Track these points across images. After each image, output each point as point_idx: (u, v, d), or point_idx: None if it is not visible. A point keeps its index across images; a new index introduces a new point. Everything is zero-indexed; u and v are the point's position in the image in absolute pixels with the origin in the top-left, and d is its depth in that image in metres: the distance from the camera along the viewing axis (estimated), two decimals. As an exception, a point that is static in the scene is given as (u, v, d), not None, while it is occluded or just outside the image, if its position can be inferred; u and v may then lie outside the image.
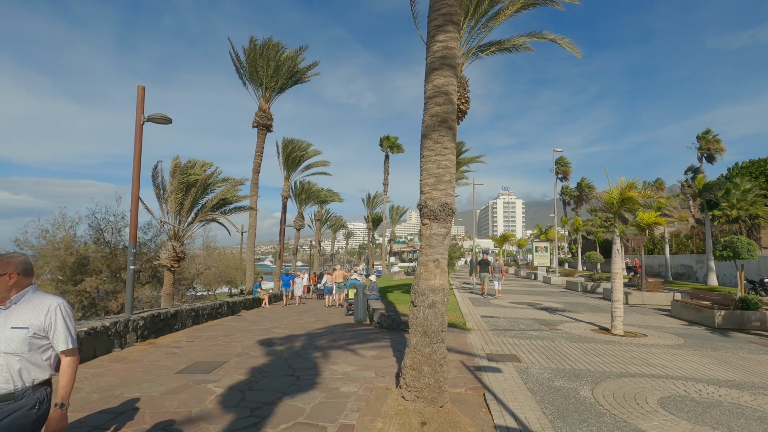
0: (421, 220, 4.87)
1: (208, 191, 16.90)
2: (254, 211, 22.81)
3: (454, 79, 4.71)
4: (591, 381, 6.04)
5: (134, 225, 9.14)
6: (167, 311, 10.09)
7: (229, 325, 11.99)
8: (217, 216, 15.52)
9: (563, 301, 17.49)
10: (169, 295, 15.76)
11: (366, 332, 10.43)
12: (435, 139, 4.73)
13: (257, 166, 23.78)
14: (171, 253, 15.53)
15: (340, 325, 12.10)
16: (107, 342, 7.65)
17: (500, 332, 9.84)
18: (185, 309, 11.16)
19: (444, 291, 4.74)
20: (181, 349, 8.12)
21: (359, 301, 13.13)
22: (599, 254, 22.71)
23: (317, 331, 10.88)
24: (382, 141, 45.78)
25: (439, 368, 4.52)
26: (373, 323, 11.84)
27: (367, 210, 58.89)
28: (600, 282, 22.49)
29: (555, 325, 11.01)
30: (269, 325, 12.11)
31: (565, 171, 68.90)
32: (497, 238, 37.73)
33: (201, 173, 15.63)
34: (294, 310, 17.16)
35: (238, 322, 12.84)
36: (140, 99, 9.24)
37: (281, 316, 14.83)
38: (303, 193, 41.21)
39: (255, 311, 16.69)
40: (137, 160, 9.11)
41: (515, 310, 13.86)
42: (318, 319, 13.88)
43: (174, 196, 15.17)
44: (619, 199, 10.56)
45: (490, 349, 8.04)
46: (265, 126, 24.00)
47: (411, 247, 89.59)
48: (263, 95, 24.26)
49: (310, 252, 54.83)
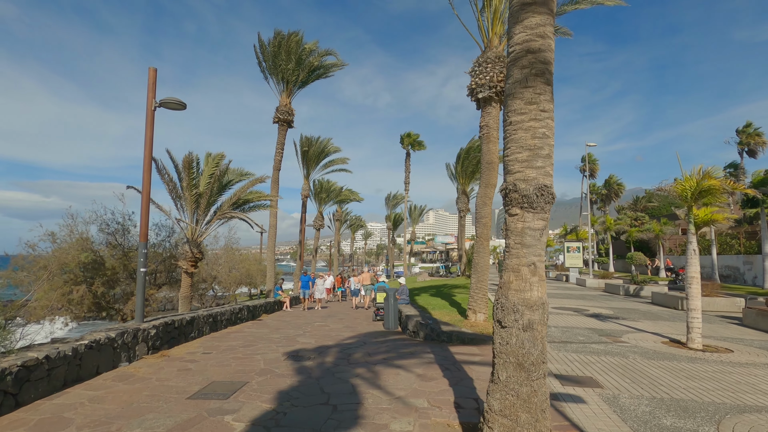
0: (508, 209, 3.61)
1: (226, 188, 16.01)
2: (275, 210, 21.92)
3: (551, 18, 3.48)
4: (708, 418, 4.72)
5: (145, 223, 8.18)
6: (182, 318, 9.11)
7: (249, 333, 10.98)
8: (236, 214, 14.54)
9: (609, 306, 15.97)
10: (186, 298, 14.91)
11: (402, 343, 9.25)
12: (528, 98, 3.47)
13: (278, 163, 22.89)
14: (188, 255, 14.68)
15: (371, 334, 10.96)
16: (113, 356, 6.67)
17: (558, 345, 8.53)
18: (202, 315, 10.18)
19: (544, 307, 3.46)
20: (195, 364, 7.09)
21: (390, 307, 11.98)
22: (642, 254, 21.09)
23: (348, 341, 9.75)
24: (403, 138, 44.61)
25: (542, 416, 3.27)
26: (408, 332, 10.66)
27: (387, 209, 57.78)
28: (644, 285, 20.79)
29: (617, 337, 9.62)
30: (293, 333, 11.06)
31: (592, 168, 66.51)
32: None
33: (216, 168, 14.71)
34: (317, 315, 16.11)
35: (260, 329, 11.83)
36: (151, 82, 8.27)
37: (304, 322, 13.79)
38: (322, 192, 40.33)
39: (276, 315, 15.71)
40: (148, 150, 8.15)
41: (563, 317, 12.48)
42: (345, 326, 12.78)
43: (188, 194, 14.30)
44: (695, 191, 9.09)
45: (557, 367, 6.76)
46: (286, 122, 23.09)
47: (431, 248, 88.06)
48: (284, 89, 23.36)
49: (330, 253, 54.04)
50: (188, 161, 14.04)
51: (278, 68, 22.54)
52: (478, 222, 10.46)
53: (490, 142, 10.46)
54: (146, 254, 8.08)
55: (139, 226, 8.65)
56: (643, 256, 20.91)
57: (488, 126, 10.48)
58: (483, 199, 10.46)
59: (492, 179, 10.44)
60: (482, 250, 10.30)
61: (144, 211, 8.16)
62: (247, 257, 28.07)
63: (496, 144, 10.52)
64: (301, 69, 22.88)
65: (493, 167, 10.42)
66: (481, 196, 10.48)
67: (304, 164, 32.09)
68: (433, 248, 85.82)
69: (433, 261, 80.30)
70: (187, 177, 14.18)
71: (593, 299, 18.45)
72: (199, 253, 15.05)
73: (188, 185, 14.26)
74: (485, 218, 10.40)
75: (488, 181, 10.43)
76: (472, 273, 10.34)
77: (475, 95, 10.68)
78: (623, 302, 17.48)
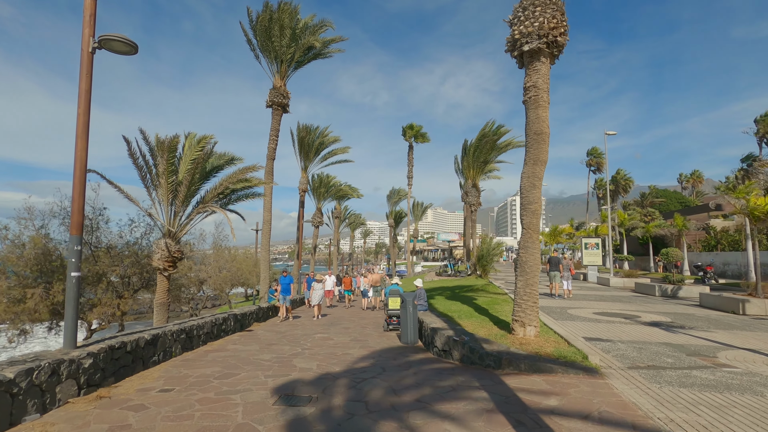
0: None
1: (211, 176, 13.68)
2: (269, 204, 19.64)
3: None
4: None
5: (79, 209, 5.84)
6: (138, 338, 6.79)
7: (233, 352, 8.68)
8: (216, 208, 12.19)
9: (657, 310, 13.75)
10: (162, 305, 12.62)
11: (434, 369, 6.99)
12: None
13: (272, 151, 20.55)
14: (164, 253, 12.36)
15: (387, 352, 8.69)
16: (11, 407, 4.37)
17: (647, 372, 6.27)
18: (171, 331, 7.87)
19: None
20: (141, 414, 4.79)
21: (408, 317, 9.70)
22: (678, 250, 19.09)
23: (360, 364, 7.47)
24: (405, 130, 42.36)
25: None
26: (434, 349, 8.39)
27: (388, 206, 55.48)
28: (682, 284, 18.59)
29: (711, 356, 7.36)
30: (288, 351, 8.77)
31: (598, 163, 64.46)
32: (547, 233, 33.84)
33: (200, 152, 12.38)
34: (318, 324, 13.82)
35: (247, 345, 9.53)
36: (89, 14, 5.94)
37: (303, 333, 11.50)
38: (321, 187, 38.00)
39: (270, 324, 13.41)
40: (83, 105, 5.81)
41: (620, 327, 10.23)
42: (353, 339, 10.50)
43: (165, 181, 11.97)
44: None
45: (678, 418, 4.50)
46: (281, 105, 20.74)
47: (432, 246, 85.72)
48: (278, 70, 21.02)
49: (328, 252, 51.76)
50: (165, 143, 11.70)
51: (270, 45, 20.18)
52: (525, 209, 8.18)
53: (539, 107, 8.17)
54: (80, 253, 5.75)
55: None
56: (680, 252, 18.85)
57: (536, 86, 8.20)
58: (531, 179, 8.18)
59: (542, 154, 8.16)
60: (531, 245, 8.02)
61: (77, 193, 5.82)
62: (238, 256, 25.73)
63: (546, 109, 8.24)
64: (296, 46, 20.53)
65: (543, 139, 8.14)
66: (529, 176, 8.20)
67: (302, 155, 29.74)
68: (435, 246, 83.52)
69: (435, 259, 78.04)
70: (163, 161, 11.85)
71: (631, 302, 16.23)
72: (178, 251, 12.76)
73: (165, 171, 11.94)
74: (534, 204, 8.13)
75: (537, 156, 8.16)
76: (519, 274, 8.06)
77: (518, 48, 8.40)
78: (667, 305, 15.25)
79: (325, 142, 29.89)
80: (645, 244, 39.95)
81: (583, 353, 6.84)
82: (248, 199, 14.16)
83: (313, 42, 20.60)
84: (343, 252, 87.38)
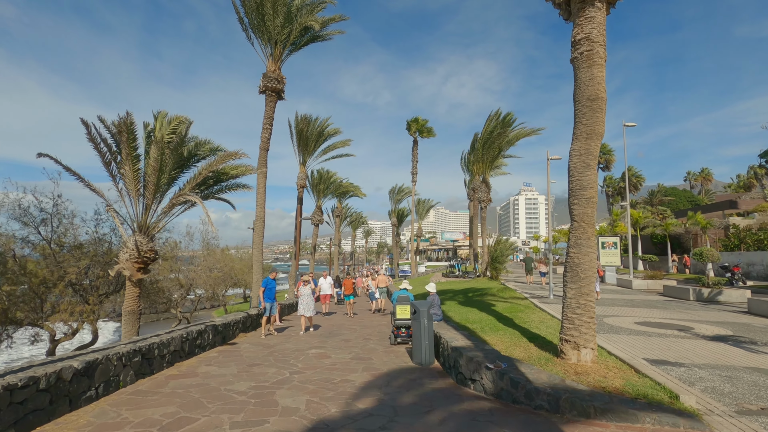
0: None
1: (189, 164, 11.89)
2: (262, 198, 17.81)
3: None
4: None
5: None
6: (61, 368, 4.99)
7: (203, 377, 6.87)
8: (193, 198, 10.33)
9: (704, 318, 11.90)
10: (133, 314, 10.85)
11: (464, 409, 5.17)
12: None
13: (265, 141, 18.75)
14: (133, 253, 10.57)
15: (397, 375, 6.88)
16: None
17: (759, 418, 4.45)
18: (118, 354, 6.06)
19: None
20: None
21: (423, 331, 7.89)
22: (714, 250, 17.31)
23: (364, 403, 5.63)
24: (410, 124, 40.49)
25: None
26: (456, 374, 6.57)
27: (391, 204, 53.58)
28: (720, 288, 16.72)
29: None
30: (273, 376, 6.96)
31: (607, 160, 62.53)
32: (565, 231, 31.91)
33: (172, 135, 10.57)
34: (313, 337, 12.01)
35: (224, 365, 7.72)
36: None
37: (295, 347, 9.69)
38: (321, 184, 36.17)
39: (259, 334, 11.57)
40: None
41: (676, 343, 8.38)
42: (354, 356, 8.68)
43: (129, 169, 10.16)
44: None
45: None
46: (275, 91, 18.93)
47: (435, 245, 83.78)
48: (272, 53, 19.19)
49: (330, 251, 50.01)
50: (125, 124, 9.88)
51: (263, 25, 18.36)
52: (577, 197, 6.33)
53: (593, 65, 6.34)
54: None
55: None
56: (716, 252, 17.09)
57: (590, 39, 6.36)
58: (583, 158, 6.33)
59: (598, 125, 6.32)
60: (585, 243, 6.18)
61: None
62: (231, 255, 23.95)
63: (602, 68, 6.40)
64: (291, 26, 18.71)
65: (599, 105, 6.30)
66: (580, 153, 6.35)
67: (300, 148, 27.91)
68: (439, 246, 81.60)
69: (439, 259, 76.12)
70: (127, 147, 10.04)
71: (668, 308, 14.37)
72: (151, 250, 10.96)
73: (128, 156, 10.13)
74: (588, 189, 6.28)
75: (591, 128, 6.32)
76: (570, 280, 6.22)
77: (565, -8, 6.58)
78: (712, 312, 13.39)
79: (324, 134, 28.07)
80: (659, 244, 38.10)
81: (669, 390, 5.00)
82: (234, 190, 12.37)
83: (310, 22, 18.72)
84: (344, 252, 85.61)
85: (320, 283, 17.10)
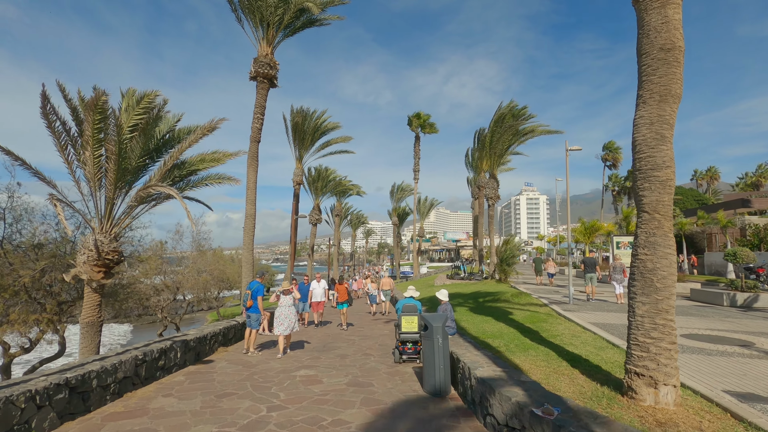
0: None
1: (164, 151, 10.29)
2: (252, 194, 16.28)
3: None
4: None
5: None
6: None
7: (154, 415, 5.27)
8: (166, 188, 8.71)
9: (754, 329, 10.28)
10: (92, 325, 9.32)
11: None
12: None
13: (256, 132, 17.24)
14: (92, 254, 9.00)
15: (405, 411, 5.29)
16: None
17: None
18: (30, 392, 4.46)
19: None
20: None
21: (436, 353, 6.30)
22: (749, 250, 15.79)
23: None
24: (411, 120, 38.91)
25: None
26: (487, 417, 4.97)
27: (392, 203, 51.95)
28: (757, 292, 15.09)
29: None
30: (245, 413, 5.37)
31: (614, 158, 60.75)
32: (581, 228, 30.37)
33: (143, 116, 8.98)
34: (306, 347, 10.42)
35: (185, 397, 6.12)
36: None
37: (281, 367, 8.10)
38: (319, 181, 34.59)
39: (239, 350, 9.95)
40: None
41: (749, 365, 6.77)
42: (351, 380, 7.09)
43: (90, 154, 8.59)
44: None
45: None
46: (267, 77, 17.38)
47: (437, 246, 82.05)
48: (264, 36, 17.66)
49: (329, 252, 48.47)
50: (92, 101, 8.29)
51: (254, 5, 16.84)
52: (648, 179, 4.71)
53: (667, 4, 4.74)
54: None
55: None
56: (751, 252, 15.59)
57: (663, -30, 4.76)
58: (656, 128, 4.72)
59: (674, 84, 4.72)
60: (661, 240, 4.58)
61: None
62: (221, 256, 22.38)
63: (679, 7, 4.80)
64: (285, 7, 17.14)
65: (675, 58, 4.71)
66: (652, 122, 4.74)
67: (296, 143, 26.34)
68: (441, 246, 79.88)
69: (441, 260, 74.39)
70: (89, 127, 8.45)
71: (705, 315, 12.75)
72: (115, 251, 9.38)
73: (91, 139, 8.56)
74: (664, 169, 4.66)
75: (666, 88, 4.71)
76: (640, 292, 4.61)
77: None
78: (757, 321, 11.77)
79: (321, 129, 26.50)
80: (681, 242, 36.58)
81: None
82: (217, 183, 10.75)
83: (307, 3, 17.13)
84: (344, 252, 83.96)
85: (312, 287, 14.13)
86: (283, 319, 9.29)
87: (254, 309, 9.60)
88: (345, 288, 14.00)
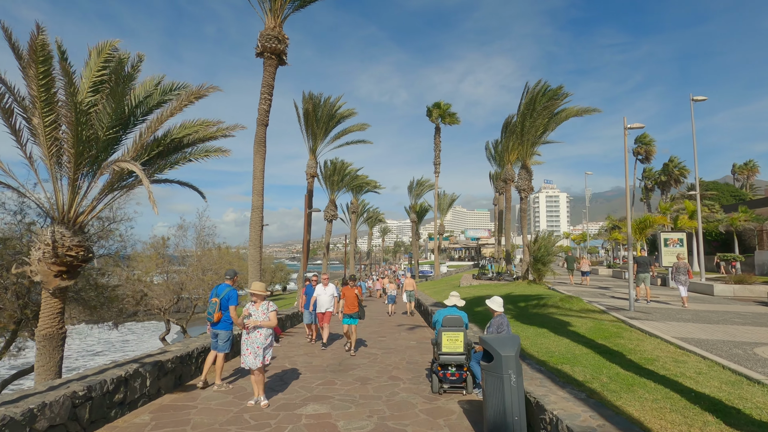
0: None
1: (140, 120, 8.38)
2: (259, 185, 14.49)
3: None
4: None
5: None
6: None
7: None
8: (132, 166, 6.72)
9: None
10: (51, 339, 7.56)
11: None
12: None
13: (264, 115, 15.33)
14: (48, 250, 7.16)
15: None
16: None
17: None
18: None
19: None
20: None
21: (508, 394, 4.15)
22: None
23: None
24: (431, 110, 36.69)
25: None
26: None
27: (410, 199, 49.74)
28: None
29: None
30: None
31: (647, 151, 57.33)
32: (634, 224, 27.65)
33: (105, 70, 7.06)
34: (315, 367, 8.42)
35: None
36: None
37: (283, 399, 6.06)
38: (335, 175, 32.68)
39: (235, 364, 7.98)
40: None
41: None
42: (376, 425, 5.01)
43: (40, 121, 6.72)
44: None
45: None
46: (275, 53, 15.42)
47: (456, 244, 79.43)
48: (271, 7, 15.72)
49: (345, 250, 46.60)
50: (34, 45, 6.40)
51: (262, -29, 14.93)
52: None
53: None
54: None
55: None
56: None
57: None
58: None
59: None
60: None
61: None
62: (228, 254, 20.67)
63: None
64: (295, -28, 15.19)
65: None
66: None
67: (309, 133, 24.43)
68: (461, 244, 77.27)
69: (461, 258, 71.79)
70: (36, 82, 6.58)
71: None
72: (79, 247, 7.52)
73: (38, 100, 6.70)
74: None
75: None
76: None
77: None
78: None
79: (337, 116, 24.52)
80: (713, 242, 33.51)
81: None
82: (203, 157, 8.80)
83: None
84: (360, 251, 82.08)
85: (316, 293, 10.61)
86: (248, 345, 5.82)
87: (223, 324, 6.66)
88: (355, 294, 9.70)
